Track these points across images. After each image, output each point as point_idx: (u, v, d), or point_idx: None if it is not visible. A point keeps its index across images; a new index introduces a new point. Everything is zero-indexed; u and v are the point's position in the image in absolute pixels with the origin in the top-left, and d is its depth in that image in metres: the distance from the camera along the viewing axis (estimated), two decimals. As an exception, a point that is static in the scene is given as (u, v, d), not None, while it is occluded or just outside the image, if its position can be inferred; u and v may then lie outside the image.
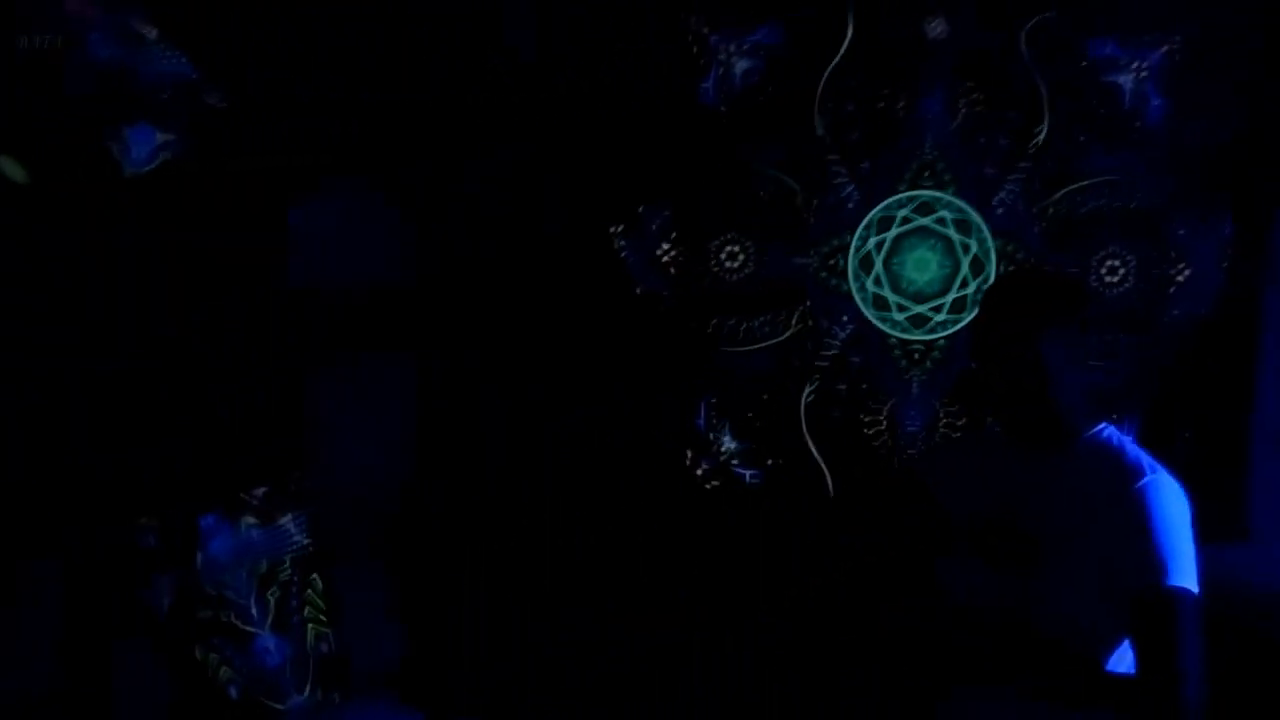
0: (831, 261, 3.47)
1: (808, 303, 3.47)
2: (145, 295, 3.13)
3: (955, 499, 2.01)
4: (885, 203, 3.44)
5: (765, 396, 3.49)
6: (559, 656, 3.39)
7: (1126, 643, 1.86)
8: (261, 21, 3.16)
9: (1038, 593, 1.86)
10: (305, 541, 3.25)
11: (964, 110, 3.38)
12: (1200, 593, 1.80)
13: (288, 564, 3.24)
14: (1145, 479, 1.84)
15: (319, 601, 3.27)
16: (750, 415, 3.50)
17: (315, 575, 3.26)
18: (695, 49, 3.41)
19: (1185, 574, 1.80)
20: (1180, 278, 3.36)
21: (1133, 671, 1.83)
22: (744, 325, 3.49)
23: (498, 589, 3.44)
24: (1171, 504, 1.84)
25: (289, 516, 3.24)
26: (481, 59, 3.38)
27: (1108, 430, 1.94)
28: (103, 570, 3.17)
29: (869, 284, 3.46)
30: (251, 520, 3.21)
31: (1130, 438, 1.95)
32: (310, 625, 3.26)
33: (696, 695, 3.33)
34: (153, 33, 3.03)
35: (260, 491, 3.21)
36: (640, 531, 3.45)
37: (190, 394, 3.15)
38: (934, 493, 2.07)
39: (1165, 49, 3.32)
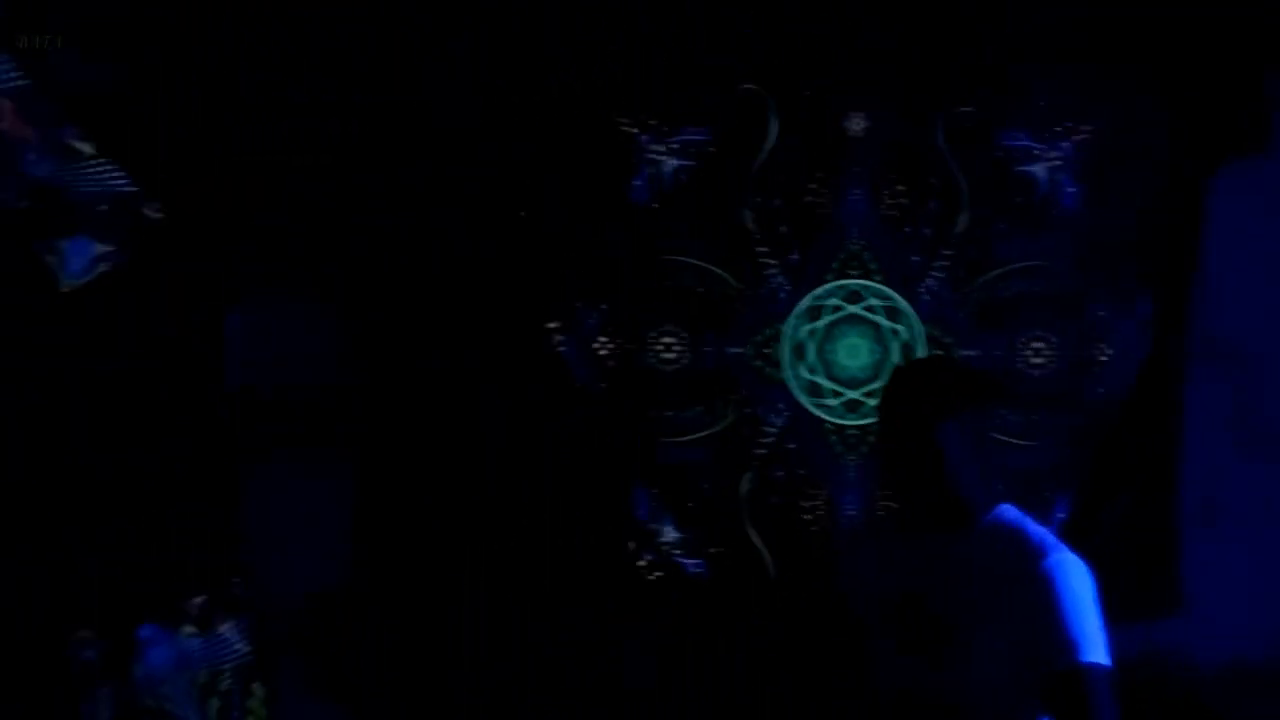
0: (765, 350, 3.53)
1: (744, 392, 3.53)
2: (76, 399, 3.14)
3: (869, 585, 2.04)
4: (815, 292, 3.52)
5: (705, 486, 3.52)
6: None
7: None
8: (192, 127, 3.23)
9: (952, 677, 1.88)
10: (246, 649, 3.22)
11: (887, 202, 3.49)
12: (1112, 665, 1.83)
13: (228, 673, 3.21)
14: (1050, 558, 1.88)
15: (261, 710, 3.23)
16: (691, 505, 3.53)
17: (256, 683, 3.23)
18: (624, 148, 3.51)
19: (1096, 649, 1.83)
20: (1103, 357, 3.46)
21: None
22: (682, 416, 3.53)
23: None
24: (1077, 581, 1.87)
25: (229, 624, 3.21)
26: (411, 160, 3.44)
27: (1009, 511, 1.98)
28: (40, 685, 3.12)
29: (803, 371, 3.52)
30: (191, 629, 3.18)
31: (1030, 516, 1.99)
32: (252, 734, 3.22)
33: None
34: (88, 148, 3.09)
35: (199, 600, 3.18)
36: (584, 624, 3.44)
37: (125, 502, 3.14)
38: (848, 580, 2.10)
39: (1076, 139, 3.46)
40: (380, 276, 3.43)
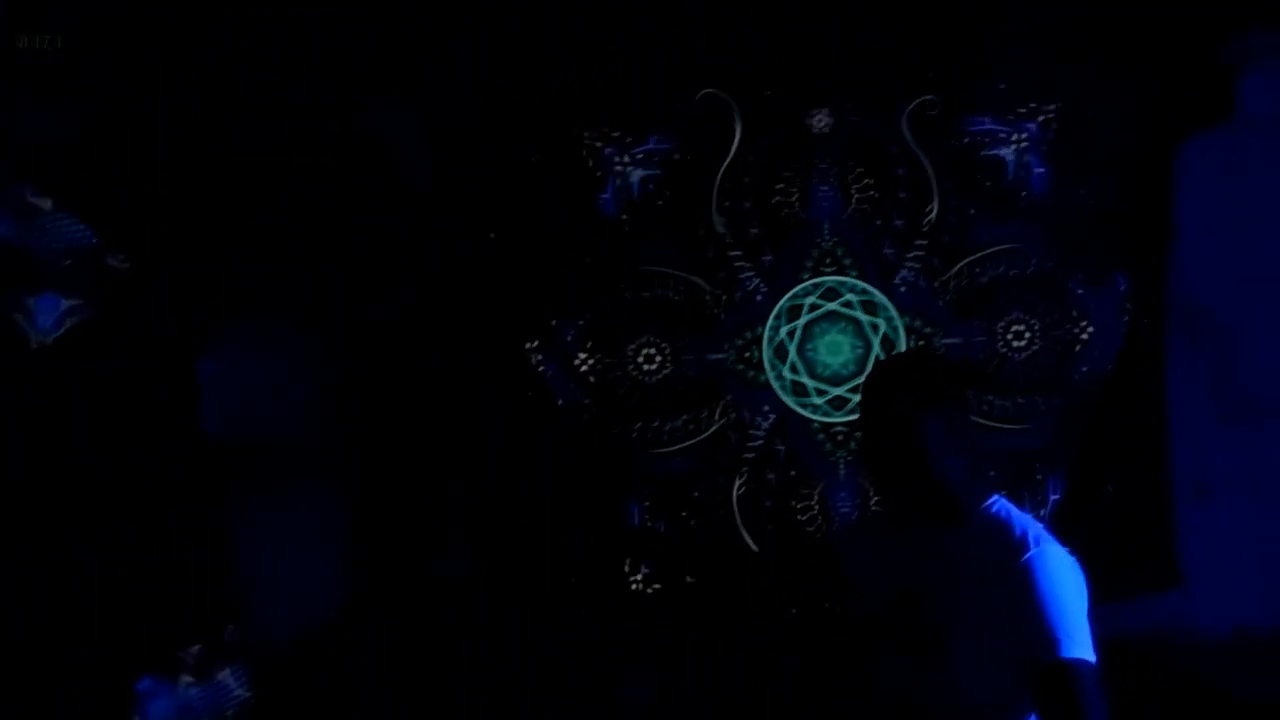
0: (747, 354, 3.52)
1: (728, 397, 3.51)
2: (63, 453, 3.12)
3: (864, 583, 2.03)
4: (792, 292, 3.51)
5: (697, 493, 3.51)
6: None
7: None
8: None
9: (946, 675, 1.86)
10: (246, 694, 3.20)
11: (856, 196, 3.48)
12: (1097, 660, 1.81)
13: (230, 719, 3.19)
14: (1031, 553, 1.85)
15: (265, 754, 3.21)
16: (684, 513, 3.51)
17: (258, 728, 3.21)
18: (590, 163, 3.49)
19: (1081, 643, 1.80)
20: (1084, 336, 3.45)
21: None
22: (668, 425, 3.52)
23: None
24: (1060, 575, 1.85)
25: (227, 670, 3.19)
26: (379, 191, 3.42)
27: (998, 504, 1.95)
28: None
29: (786, 372, 3.51)
30: (189, 679, 3.15)
31: (1021, 508, 1.97)
32: (257, 780, 3.20)
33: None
34: (47, 203, 3.06)
35: (195, 649, 3.16)
36: (582, 637, 3.42)
37: (116, 556, 3.11)
38: (847, 576, 2.09)
39: (1041, 119, 3.45)
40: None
